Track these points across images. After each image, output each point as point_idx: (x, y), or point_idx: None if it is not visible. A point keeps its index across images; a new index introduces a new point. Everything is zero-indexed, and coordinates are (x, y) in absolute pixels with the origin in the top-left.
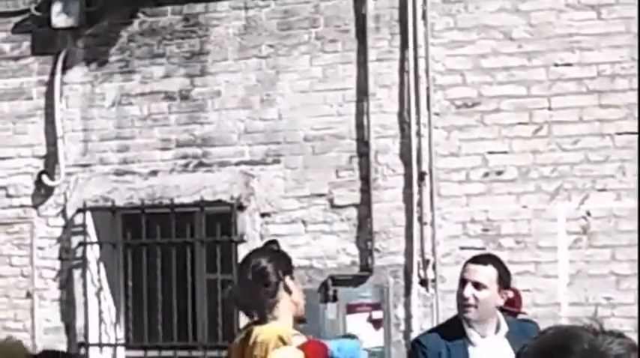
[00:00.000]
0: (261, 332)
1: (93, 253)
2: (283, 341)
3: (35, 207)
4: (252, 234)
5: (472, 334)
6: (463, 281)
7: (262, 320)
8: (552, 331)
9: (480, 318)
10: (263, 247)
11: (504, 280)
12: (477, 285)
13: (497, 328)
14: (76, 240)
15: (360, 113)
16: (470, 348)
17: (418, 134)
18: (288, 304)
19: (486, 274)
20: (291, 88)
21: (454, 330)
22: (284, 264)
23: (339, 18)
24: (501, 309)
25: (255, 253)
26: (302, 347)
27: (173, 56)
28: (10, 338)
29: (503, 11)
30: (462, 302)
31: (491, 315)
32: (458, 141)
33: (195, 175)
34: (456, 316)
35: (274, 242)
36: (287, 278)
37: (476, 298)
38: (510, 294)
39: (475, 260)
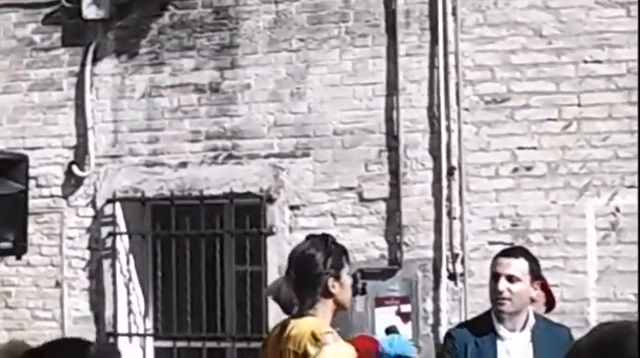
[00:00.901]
0: (295, 326)
1: (122, 244)
2: (315, 338)
3: (65, 197)
4: (281, 227)
5: (500, 328)
6: (496, 275)
7: (300, 315)
8: (605, 327)
9: (514, 311)
10: (315, 239)
11: (535, 272)
12: (511, 278)
13: (526, 322)
14: (105, 231)
15: (390, 107)
16: (498, 342)
17: (447, 129)
18: (329, 302)
19: (519, 267)
20: (321, 82)
21: (484, 325)
22: (335, 258)
23: (369, 12)
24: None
25: (305, 244)
26: (353, 343)
27: (203, 49)
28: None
29: (533, 7)
30: (497, 296)
31: (524, 308)
32: (487, 137)
33: (225, 167)
34: (487, 311)
35: (328, 236)
36: (332, 277)
37: (510, 291)
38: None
39: (506, 253)
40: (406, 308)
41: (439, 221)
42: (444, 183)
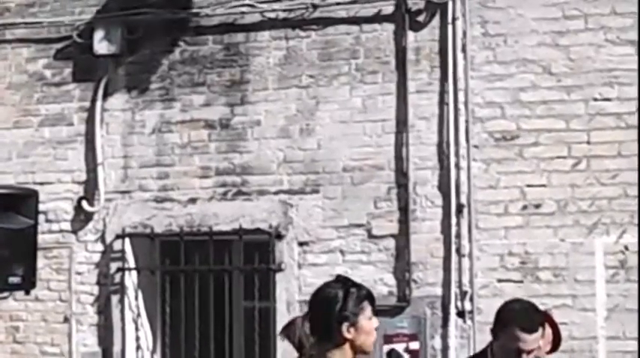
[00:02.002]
0: None
1: (131, 279)
2: None
3: (74, 232)
4: (290, 263)
5: None
6: (519, 351)
7: None
8: None
9: None
10: (336, 281)
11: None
12: (530, 351)
13: None
14: (114, 266)
15: (399, 144)
16: None
17: (457, 166)
18: (346, 347)
19: (537, 339)
20: (331, 118)
21: None
22: (353, 303)
23: (379, 49)
24: None
25: (323, 286)
26: None
27: (213, 84)
28: None
29: (543, 45)
30: None
31: None
32: (496, 174)
33: (234, 203)
34: (485, 350)
35: (348, 279)
36: (347, 323)
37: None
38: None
39: (527, 328)
40: (414, 345)
41: (448, 258)
42: (453, 220)
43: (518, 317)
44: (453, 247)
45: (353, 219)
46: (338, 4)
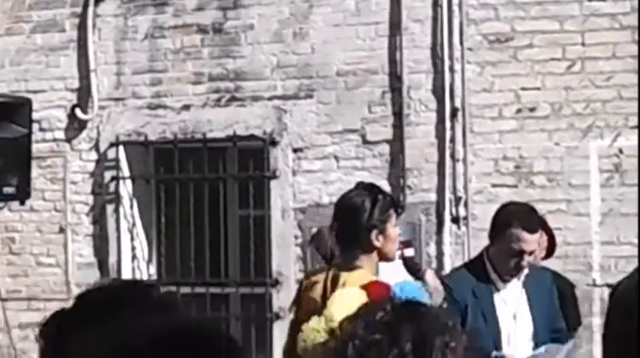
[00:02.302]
0: (347, 280)
1: (126, 188)
2: None
3: (68, 141)
4: (284, 170)
5: (497, 281)
6: (520, 252)
7: (348, 268)
8: None
9: None
10: (363, 189)
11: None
12: (532, 252)
13: None
14: (108, 175)
15: (393, 48)
16: (495, 295)
17: (451, 69)
18: (373, 255)
19: (537, 240)
20: (324, 22)
21: (480, 272)
22: (381, 211)
23: None
24: None
25: (351, 194)
26: (365, 288)
27: None
28: None
29: None
30: (519, 268)
31: None
32: (491, 77)
33: (228, 110)
34: (480, 256)
35: (375, 186)
36: (377, 231)
37: (529, 262)
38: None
39: (527, 228)
40: (409, 252)
41: (442, 163)
42: (448, 124)
43: (518, 218)
44: (447, 152)
45: (347, 125)
46: None
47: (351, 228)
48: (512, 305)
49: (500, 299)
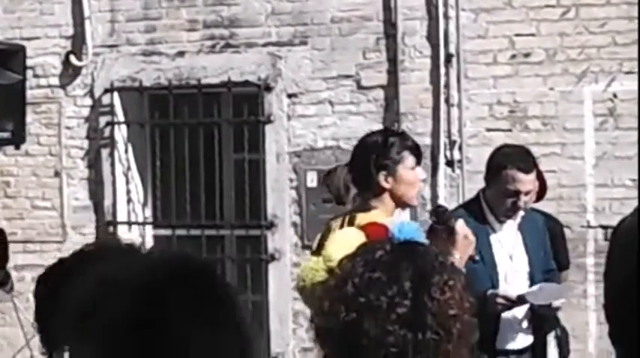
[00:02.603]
0: (362, 221)
1: (120, 133)
2: None
3: (63, 87)
4: (279, 115)
5: (493, 221)
6: (516, 192)
7: (364, 208)
8: None
9: None
10: (377, 131)
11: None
12: (528, 193)
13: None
14: (103, 120)
15: None
16: (492, 236)
17: (445, 16)
18: (385, 197)
19: (533, 181)
20: None
21: (476, 214)
22: (392, 152)
23: None
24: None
25: (365, 136)
26: (363, 228)
27: None
28: None
29: None
30: (516, 208)
31: None
32: (485, 24)
33: (223, 56)
34: (477, 198)
35: (390, 129)
36: (385, 172)
37: (526, 203)
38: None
39: (522, 168)
40: None
41: (437, 108)
42: (442, 70)
43: (513, 160)
44: (442, 97)
45: (342, 71)
46: None
47: (361, 168)
48: (508, 246)
49: (497, 240)
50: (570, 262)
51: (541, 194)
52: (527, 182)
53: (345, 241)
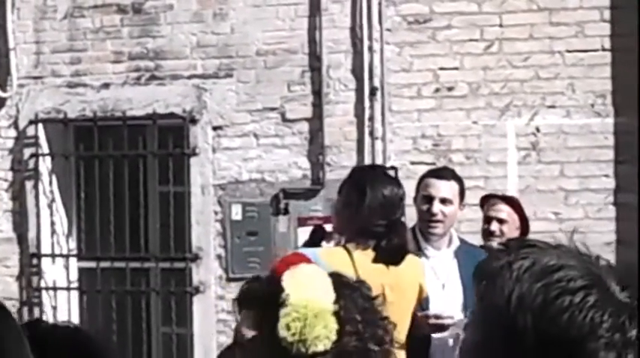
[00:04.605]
0: None
1: (45, 165)
2: None
3: None
4: (204, 147)
5: (427, 248)
6: (428, 198)
7: None
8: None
9: (444, 233)
10: (389, 175)
11: (463, 194)
12: (444, 201)
13: (450, 241)
14: (28, 152)
15: (313, 28)
16: (424, 260)
17: (370, 49)
18: None
19: (451, 189)
20: (244, 2)
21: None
22: None
23: None
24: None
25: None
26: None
27: None
28: None
29: None
30: (430, 218)
31: (450, 229)
32: (409, 57)
33: (148, 88)
34: (413, 227)
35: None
36: None
37: (443, 213)
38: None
39: (437, 175)
40: (329, 227)
41: (362, 141)
42: (367, 103)
43: (428, 172)
44: (367, 130)
45: (267, 103)
46: None
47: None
48: (442, 275)
49: (430, 267)
50: None
51: (523, 233)
52: (440, 187)
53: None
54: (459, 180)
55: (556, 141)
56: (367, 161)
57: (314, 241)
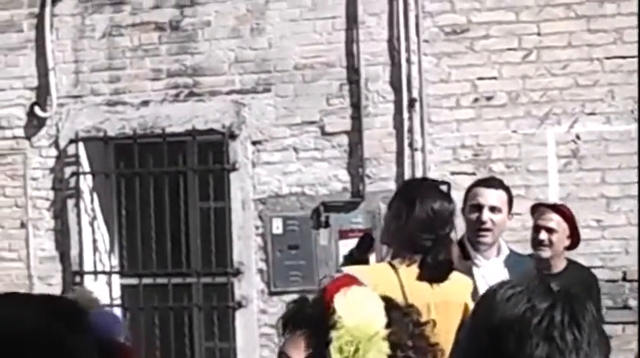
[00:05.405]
0: None
1: (86, 183)
2: None
3: (28, 138)
4: (243, 162)
5: (477, 257)
6: (478, 206)
7: None
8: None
9: (493, 241)
10: (440, 189)
11: (511, 202)
12: (493, 209)
13: (498, 250)
14: (69, 171)
15: (350, 41)
16: (474, 269)
17: (408, 61)
18: None
19: (500, 198)
20: (281, 17)
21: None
22: None
23: None
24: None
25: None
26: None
27: None
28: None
29: None
30: (480, 227)
31: (499, 238)
32: (447, 68)
33: (187, 105)
34: (460, 240)
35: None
36: None
37: (493, 222)
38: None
39: (486, 184)
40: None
41: (401, 153)
42: (406, 114)
43: (478, 180)
44: (406, 142)
45: (306, 117)
46: None
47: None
48: (492, 283)
49: (481, 275)
50: None
51: (574, 242)
52: (488, 196)
53: None
54: (506, 189)
55: (596, 149)
56: (407, 173)
57: (362, 249)
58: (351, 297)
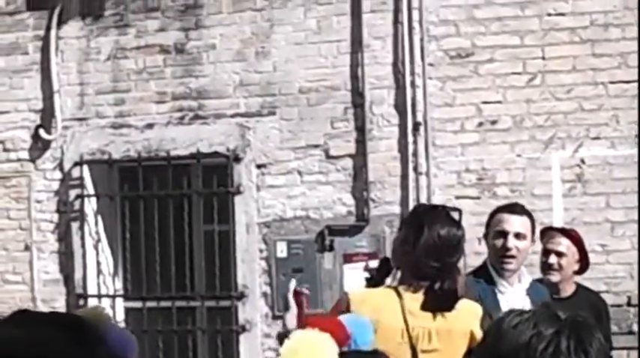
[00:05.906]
0: None
1: (90, 206)
2: None
3: (32, 160)
4: (248, 186)
5: (502, 283)
6: (503, 233)
7: None
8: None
9: (517, 268)
10: (450, 216)
11: (534, 228)
12: (518, 235)
13: (520, 277)
14: (73, 193)
15: (355, 64)
16: (499, 296)
17: (412, 85)
18: None
19: (524, 224)
20: (286, 41)
21: (484, 278)
22: None
23: None
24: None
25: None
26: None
27: (168, 9)
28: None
29: None
30: (505, 254)
31: (521, 265)
32: (452, 92)
33: (192, 127)
34: (483, 265)
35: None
36: None
37: (518, 249)
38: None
39: (510, 210)
40: (374, 264)
41: (406, 176)
42: (410, 138)
43: (502, 207)
44: (410, 165)
45: (310, 140)
46: None
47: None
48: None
49: (505, 300)
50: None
51: (583, 266)
52: (514, 222)
53: None
54: (529, 215)
55: (601, 173)
56: (412, 196)
57: (382, 272)
58: (299, 339)
